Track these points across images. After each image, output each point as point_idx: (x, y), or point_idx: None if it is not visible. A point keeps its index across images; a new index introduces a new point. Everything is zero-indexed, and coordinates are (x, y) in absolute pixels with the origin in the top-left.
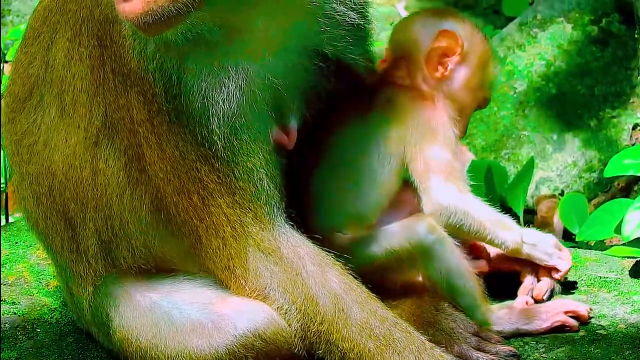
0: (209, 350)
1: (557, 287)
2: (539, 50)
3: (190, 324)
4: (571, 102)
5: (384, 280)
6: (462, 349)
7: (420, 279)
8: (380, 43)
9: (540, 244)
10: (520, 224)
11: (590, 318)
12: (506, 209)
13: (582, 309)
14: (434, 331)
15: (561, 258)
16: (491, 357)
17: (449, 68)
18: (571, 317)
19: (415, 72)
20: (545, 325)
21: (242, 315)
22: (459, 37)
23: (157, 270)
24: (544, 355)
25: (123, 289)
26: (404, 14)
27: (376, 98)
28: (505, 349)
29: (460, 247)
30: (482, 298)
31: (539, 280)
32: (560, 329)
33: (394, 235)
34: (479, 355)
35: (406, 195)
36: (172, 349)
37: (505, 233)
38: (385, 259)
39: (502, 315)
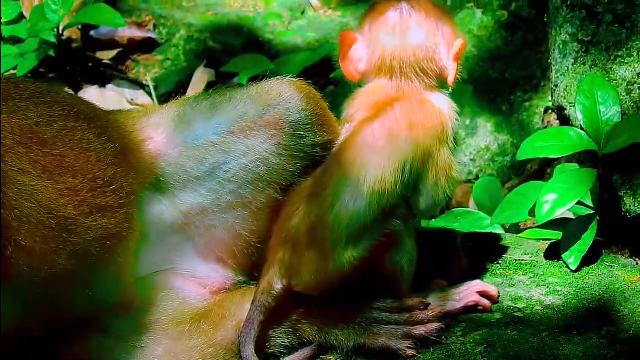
0: None
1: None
2: None
3: None
4: (483, 87)
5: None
6: (384, 342)
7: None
8: (291, 32)
9: None
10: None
11: (499, 297)
12: None
13: (492, 290)
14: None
15: None
16: (423, 333)
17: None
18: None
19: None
20: (459, 305)
21: None
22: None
23: None
24: (461, 338)
25: None
26: (315, 2)
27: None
28: (433, 326)
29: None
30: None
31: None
32: (474, 309)
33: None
34: (399, 345)
35: None
36: None
37: None
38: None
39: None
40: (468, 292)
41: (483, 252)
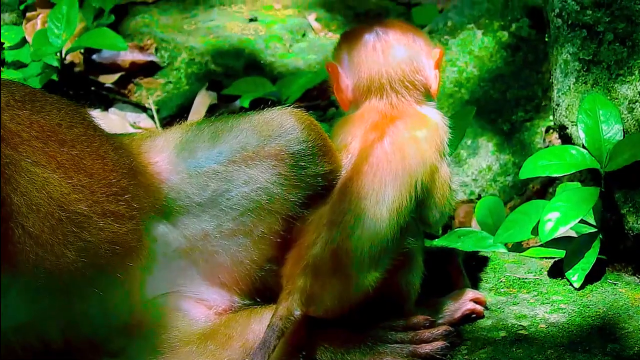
0: None
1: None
2: (450, 57)
3: None
4: (484, 108)
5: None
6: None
7: None
8: (292, 54)
9: None
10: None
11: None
12: None
13: (482, 295)
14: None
15: None
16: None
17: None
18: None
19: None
20: (457, 315)
21: None
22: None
23: None
24: (466, 357)
25: None
26: (315, 25)
27: None
28: (438, 344)
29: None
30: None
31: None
32: (468, 317)
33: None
34: None
35: None
36: None
37: None
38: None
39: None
40: (462, 301)
41: (486, 271)
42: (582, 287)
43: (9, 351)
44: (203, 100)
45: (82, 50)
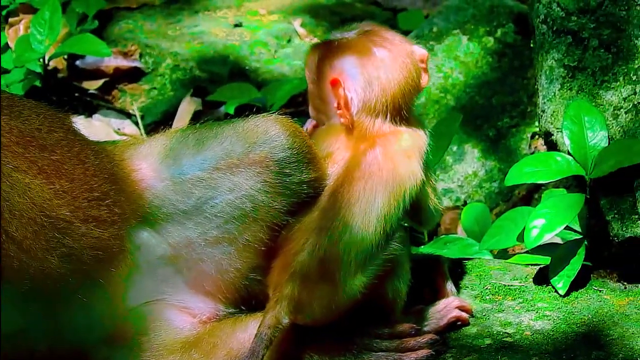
0: None
1: (453, 289)
2: (436, 62)
3: None
4: (469, 114)
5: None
6: None
7: None
8: (278, 60)
9: None
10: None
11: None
12: None
13: (467, 304)
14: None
15: None
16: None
17: None
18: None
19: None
20: (442, 323)
21: None
22: None
23: None
24: None
25: None
26: (301, 30)
27: None
28: (423, 353)
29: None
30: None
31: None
32: (453, 324)
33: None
34: None
35: None
36: None
37: None
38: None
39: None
40: (448, 309)
41: (472, 278)
42: (567, 294)
43: None
44: (188, 107)
45: (65, 56)
